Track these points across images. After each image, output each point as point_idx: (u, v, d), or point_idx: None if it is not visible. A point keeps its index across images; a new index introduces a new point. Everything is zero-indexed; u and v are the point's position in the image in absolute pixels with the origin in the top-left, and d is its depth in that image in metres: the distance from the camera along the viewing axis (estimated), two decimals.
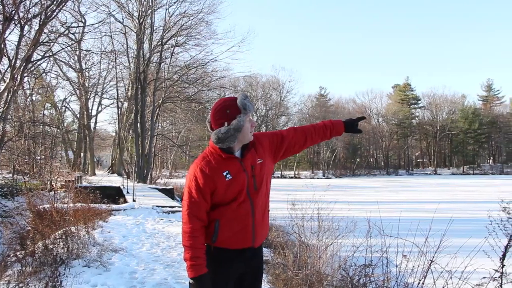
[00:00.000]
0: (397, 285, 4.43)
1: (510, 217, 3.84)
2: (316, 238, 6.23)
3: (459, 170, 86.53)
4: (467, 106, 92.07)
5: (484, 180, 57.16)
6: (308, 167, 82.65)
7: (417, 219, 5.13)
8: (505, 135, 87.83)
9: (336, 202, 7.56)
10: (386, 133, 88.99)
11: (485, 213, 4.05)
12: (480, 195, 27.26)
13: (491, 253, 3.89)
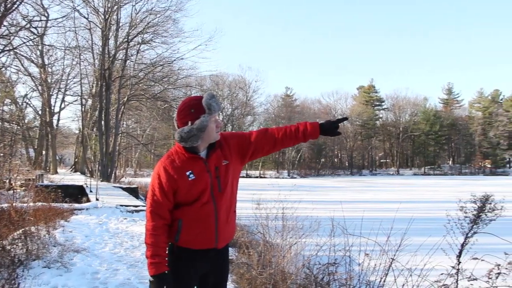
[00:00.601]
0: (359, 283, 4.50)
1: (466, 216, 3.97)
2: (280, 238, 6.26)
3: (421, 171, 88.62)
4: (428, 109, 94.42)
5: (444, 180, 58.71)
6: (273, 166, 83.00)
7: (379, 219, 5.23)
8: (464, 137, 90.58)
9: (301, 201, 7.60)
10: (351, 134, 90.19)
11: (444, 213, 4.17)
12: (439, 195, 27.94)
13: (449, 251, 4.01)
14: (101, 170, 28.62)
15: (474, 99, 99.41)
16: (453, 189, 33.34)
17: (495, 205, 3.93)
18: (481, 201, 3.96)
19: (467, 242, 3.97)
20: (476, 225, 3.94)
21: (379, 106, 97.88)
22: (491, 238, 4.09)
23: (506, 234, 4.52)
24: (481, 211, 3.92)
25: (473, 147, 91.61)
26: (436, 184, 47.86)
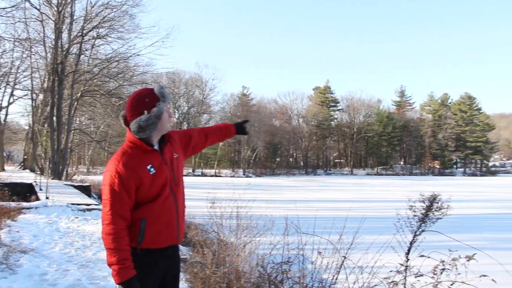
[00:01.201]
0: (312, 281, 4.56)
1: (415, 215, 4.10)
2: (235, 237, 6.27)
3: (373, 171, 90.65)
4: (382, 110, 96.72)
5: (395, 180, 60.27)
6: (229, 165, 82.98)
7: (332, 218, 5.32)
8: (415, 139, 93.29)
9: (255, 200, 7.65)
10: (306, 134, 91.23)
11: (395, 212, 4.28)
12: (391, 195, 28.68)
13: (398, 248, 4.13)
14: (52, 168, 27.77)
15: (425, 102, 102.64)
16: (404, 189, 34.28)
17: (441, 204, 4.09)
18: (429, 200, 4.11)
19: (416, 240, 4.11)
20: (424, 223, 4.09)
21: (334, 107, 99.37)
22: (438, 235, 4.24)
23: (451, 232, 4.70)
24: (429, 210, 4.07)
25: (423, 148, 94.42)
26: (388, 184, 49.08)
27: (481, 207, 21.54)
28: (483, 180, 65.97)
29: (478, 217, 17.36)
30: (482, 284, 3.71)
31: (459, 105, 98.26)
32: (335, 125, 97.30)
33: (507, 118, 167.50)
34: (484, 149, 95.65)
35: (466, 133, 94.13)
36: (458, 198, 26.53)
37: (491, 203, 24.24)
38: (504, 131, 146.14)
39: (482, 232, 13.04)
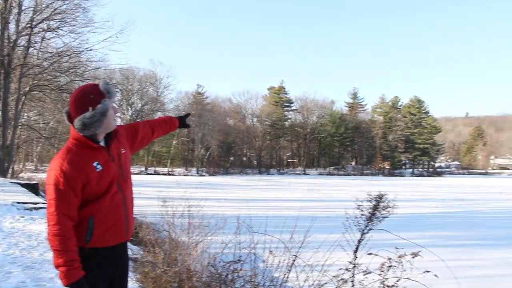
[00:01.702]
0: (263, 279, 4.59)
1: (363, 214, 4.20)
2: (186, 235, 6.23)
3: (326, 171, 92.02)
4: (335, 111, 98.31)
5: (347, 180, 61.40)
6: (182, 164, 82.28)
7: (284, 217, 5.38)
8: (366, 140, 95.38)
9: (208, 199, 7.64)
10: (260, 133, 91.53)
11: (345, 211, 4.37)
12: (342, 194, 29.16)
13: (347, 247, 4.22)
14: None
15: (377, 104, 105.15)
16: (354, 189, 34.96)
17: (388, 203, 4.21)
18: (375, 200, 4.23)
19: (363, 238, 4.21)
20: (371, 222, 4.20)
21: (288, 107, 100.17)
22: (385, 234, 4.36)
23: (398, 230, 4.84)
24: (376, 209, 4.18)
25: (374, 149, 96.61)
26: (339, 183, 49.95)
27: (427, 207, 22.27)
28: (429, 181, 68.31)
29: (423, 216, 17.93)
30: (426, 279, 3.84)
31: (408, 108, 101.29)
32: (289, 125, 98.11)
33: (453, 121, 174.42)
34: (431, 151, 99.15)
35: (414, 135, 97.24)
36: (406, 197, 27.37)
37: (436, 203, 25.10)
38: (450, 134, 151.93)
39: (427, 230, 13.49)
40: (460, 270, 8.03)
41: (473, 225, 15.36)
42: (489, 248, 10.81)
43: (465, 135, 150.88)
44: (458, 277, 7.39)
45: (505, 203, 26.13)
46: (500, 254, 10.15)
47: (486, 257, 9.71)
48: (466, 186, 51.24)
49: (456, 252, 9.95)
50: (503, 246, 11.25)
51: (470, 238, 12.31)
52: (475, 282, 7.37)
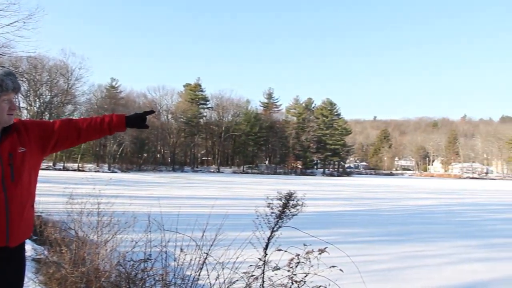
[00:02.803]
0: (175, 278, 4.54)
1: (273, 212, 4.30)
2: (95, 234, 6.02)
3: (240, 169, 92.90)
4: (250, 111, 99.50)
5: (260, 179, 62.37)
6: (93, 159, 79.38)
7: (196, 215, 5.37)
8: (280, 139, 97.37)
9: (119, 196, 7.43)
10: (175, 130, 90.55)
11: (255, 209, 4.44)
12: (254, 193, 29.54)
13: (258, 244, 4.29)
14: None
15: (291, 105, 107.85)
16: (267, 187, 35.56)
17: (297, 201, 4.34)
18: (285, 198, 4.33)
19: (273, 236, 4.31)
20: (281, 220, 4.30)
21: (204, 105, 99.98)
22: (294, 231, 4.48)
23: (308, 228, 5.01)
24: (285, 207, 4.29)
25: (287, 149, 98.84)
26: (252, 182, 50.58)
27: (335, 205, 23.14)
28: (339, 180, 71.09)
29: (332, 214, 18.61)
30: (333, 274, 3.99)
31: (321, 110, 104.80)
32: (204, 123, 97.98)
33: (362, 124, 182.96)
34: (341, 152, 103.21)
35: (326, 136, 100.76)
36: (316, 196, 28.25)
37: (344, 201, 26.16)
38: (359, 136, 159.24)
39: (334, 228, 14.02)
40: (364, 264, 8.44)
41: (377, 222, 16.17)
42: (390, 244, 11.44)
43: (373, 137, 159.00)
44: (362, 271, 7.77)
45: (406, 202, 27.80)
46: (400, 248, 10.78)
47: (388, 252, 10.26)
48: (372, 185, 53.90)
49: (360, 248, 10.42)
50: (403, 241, 11.95)
51: (374, 235, 12.95)
52: (377, 276, 7.77)
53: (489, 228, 15.88)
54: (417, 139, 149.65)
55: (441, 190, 47.41)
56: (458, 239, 12.71)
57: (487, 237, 13.38)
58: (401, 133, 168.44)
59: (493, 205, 27.80)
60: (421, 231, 14.08)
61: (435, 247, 11.24)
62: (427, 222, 16.77)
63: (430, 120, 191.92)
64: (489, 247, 11.62)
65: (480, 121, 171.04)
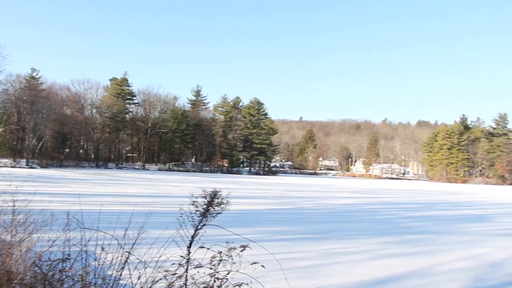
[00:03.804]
0: (95, 278, 4.41)
1: (197, 210, 4.28)
2: (9, 233, 5.71)
3: (166, 167, 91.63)
4: (177, 108, 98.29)
5: (186, 176, 61.88)
6: (9, 154, 75.07)
7: (118, 212, 5.25)
8: (207, 137, 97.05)
9: (37, 193, 7.10)
10: (99, 125, 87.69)
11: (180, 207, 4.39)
12: (179, 190, 29.26)
13: (182, 242, 4.25)
14: None
15: (218, 103, 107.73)
16: (193, 185, 35.39)
17: (222, 200, 4.35)
18: (210, 196, 4.33)
19: (197, 234, 4.29)
20: (205, 218, 4.29)
21: (130, 100, 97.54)
22: (219, 229, 4.49)
23: (234, 226, 5.05)
24: (210, 205, 4.29)
25: (214, 147, 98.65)
26: (178, 179, 50.09)
27: (261, 203, 23.40)
28: (265, 179, 71.94)
29: (257, 212, 18.81)
30: (257, 272, 4.05)
31: (248, 109, 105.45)
32: (130, 119, 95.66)
33: (288, 124, 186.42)
34: (267, 151, 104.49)
35: (253, 135, 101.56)
36: (242, 195, 28.45)
37: (269, 200, 26.52)
38: (285, 136, 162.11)
39: (260, 226, 14.20)
40: (288, 262, 8.63)
41: (301, 221, 16.53)
42: (313, 241, 11.74)
43: (299, 137, 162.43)
44: (286, 268, 7.96)
45: (329, 201, 28.64)
46: (322, 245, 11.09)
47: (310, 249, 10.53)
48: (297, 184, 55.04)
49: (284, 246, 10.63)
50: (325, 238, 12.32)
51: (298, 233, 13.23)
52: (300, 272, 7.95)
53: (404, 225, 16.71)
54: (340, 140, 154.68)
55: (362, 189, 49.30)
56: (376, 236, 13.28)
57: (403, 233, 14.09)
58: (325, 134, 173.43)
59: (408, 204, 29.32)
60: (343, 229, 14.58)
61: (355, 244, 11.69)
62: (348, 220, 17.38)
63: (354, 123, 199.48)
64: (404, 243, 12.26)
65: (399, 125, 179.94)
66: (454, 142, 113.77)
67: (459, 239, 13.58)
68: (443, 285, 7.77)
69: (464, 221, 19.04)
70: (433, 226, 16.55)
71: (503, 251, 11.76)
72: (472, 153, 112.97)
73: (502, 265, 9.81)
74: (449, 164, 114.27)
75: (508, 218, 21.72)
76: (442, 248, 11.76)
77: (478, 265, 9.69)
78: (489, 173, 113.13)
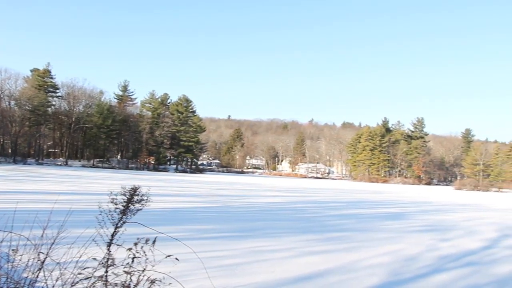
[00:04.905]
0: (8, 282, 4.19)
1: (117, 207, 4.19)
2: None
3: (90, 163, 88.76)
4: (103, 102, 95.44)
5: (111, 173, 60.19)
6: None
7: (36, 211, 5.01)
8: (133, 134, 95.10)
9: None
10: (18, 119, 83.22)
11: (103, 204, 4.27)
12: (103, 188, 28.43)
13: (101, 241, 4.14)
14: None
15: (146, 99, 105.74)
16: (117, 182, 34.43)
17: (142, 196, 4.28)
18: (129, 193, 4.25)
19: (117, 232, 4.19)
20: (125, 215, 4.20)
21: (53, 93, 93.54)
22: (143, 228, 4.42)
23: (158, 224, 4.98)
24: (130, 203, 4.20)
25: (140, 144, 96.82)
26: (102, 176, 48.59)
27: (187, 201, 23.23)
28: (192, 177, 71.57)
29: (183, 210, 18.64)
30: (178, 271, 4.02)
31: (177, 106, 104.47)
32: (52, 112, 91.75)
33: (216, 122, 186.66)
34: (195, 149, 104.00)
35: (180, 132, 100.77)
36: (168, 192, 28.14)
37: (195, 198, 26.36)
38: (213, 134, 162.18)
39: (185, 224, 14.09)
40: (212, 260, 8.64)
41: (227, 219, 16.58)
42: (239, 239, 11.82)
43: (226, 136, 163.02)
44: (210, 267, 7.98)
45: (255, 199, 28.93)
46: (247, 244, 11.19)
47: (236, 247, 10.59)
48: (224, 183, 55.19)
49: (209, 244, 10.63)
50: (251, 236, 12.43)
51: (224, 231, 13.26)
52: (224, 271, 7.98)
53: (328, 223, 17.23)
54: (268, 139, 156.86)
55: (287, 188, 50.22)
56: (300, 234, 13.58)
57: (326, 231, 14.51)
58: (253, 133, 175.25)
59: (332, 203, 30.27)
60: (268, 227, 14.78)
61: (279, 241, 11.89)
62: (273, 219, 17.64)
63: (281, 122, 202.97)
64: (327, 240, 12.64)
65: (325, 126, 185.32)
66: (376, 144, 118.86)
67: (378, 236, 14.20)
68: (363, 280, 8.09)
69: (384, 219, 19.92)
70: (355, 224, 17.18)
71: (417, 246, 12.49)
72: (392, 155, 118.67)
73: (415, 259, 10.41)
74: (371, 165, 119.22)
75: (423, 216, 22.99)
76: (363, 244, 12.26)
77: (394, 260, 10.23)
78: (407, 173, 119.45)
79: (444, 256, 11.22)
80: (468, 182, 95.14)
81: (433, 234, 15.47)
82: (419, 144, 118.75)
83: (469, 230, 17.32)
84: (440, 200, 42.91)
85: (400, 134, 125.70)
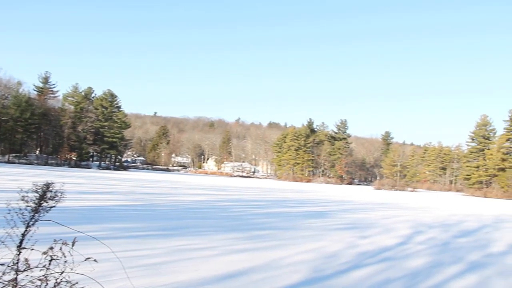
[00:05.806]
0: None
1: (28, 205, 3.89)
2: None
3: (5, 158, 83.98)
4: (21, 94, 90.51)
5: (28, 170, 57.26)
6: None
7: None
8: (54, 128, 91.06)
9: None
10: None
11: (12, 203, 3.95)
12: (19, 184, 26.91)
13: (11, 242, 3.80)
14: None
15: (69, 93, 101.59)
16: (35, 179, 32.61)
17: (55, 193, 4.00)
18: (42, 189, 3.96)
19: (28, 231, 3.88)
20: (38, 213, 3.90)
21: None
22: (60, 227, 4.14)
23: (78, 222, 4.69)
24: (42, 199, 3.92)
25: (62, 139, 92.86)
26: (18, 173, 46.06)
27: (109, 199, 22.49)
28: (115, 174, 69.68)
29: (105, 208, 18.02)
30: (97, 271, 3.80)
31: (101, 100, 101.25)
32: None
33: (142, 118, 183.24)
34: (119, 145, 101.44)
35: (104, 128, 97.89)
36: (89, 190, 27.19)
37: (119, 196, 25.64)
38: (138, 130, 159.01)
39: (106, 223, 13.60)
40: (135, 259, 8.39)
41: (151, 217, 16.22)
42: (163, 238, 11.57)
43: (152, 132, 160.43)
44: (132, 266, 7.73)
45: (181, 197, 28.67)
46: (172, 242, 10.98)
47: (160, 246, 10.34)
48: (149, 180, 54.19)
49: (131, 243, 10.31)
50: (176, 235, 12.22)
51: (147, 229, 12.93)
52: (147, 270, 7.74)
53: (253, 221, 17.31)
54: (194, 137, 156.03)
55: (213, 186, 50.08)
56: (225, 232, 13.52)
57: (251, 229, 14.56)
58: (179, 130, 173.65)
59: (258, 201, 30.51)
60: (192, 225, 14.60)
61: (204, 240, 11.77)
62: (198, 217, 17.48)
63: (208, 121, 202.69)
64: (252, 238, 12.68)
65: (252, 125, 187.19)
66: (301, 144, 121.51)
67: (302, 234, 14.44)
68: (286, 276, 8.17)
69: (307, 217, 20.31)
70: (280, 222, 17.37)
71: (338, 243, 12.88)
72: (316, 155, 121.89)
73: (336, 256, 10.71)
74: (295, 164, 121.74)
75: (344, 214, 23.73)
76: (287, 242, 12.42)
77: (317, 257, 10.46)
78: (330, 173, 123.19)
79: (363, 252, 11.63)
80: (387, 182, 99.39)
81: (354, 232, 15.99)
82: (342, 145, 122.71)
83: (386, 228, 18.07)
84: (361, 199, 44.54)
85: (324, 135, 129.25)
